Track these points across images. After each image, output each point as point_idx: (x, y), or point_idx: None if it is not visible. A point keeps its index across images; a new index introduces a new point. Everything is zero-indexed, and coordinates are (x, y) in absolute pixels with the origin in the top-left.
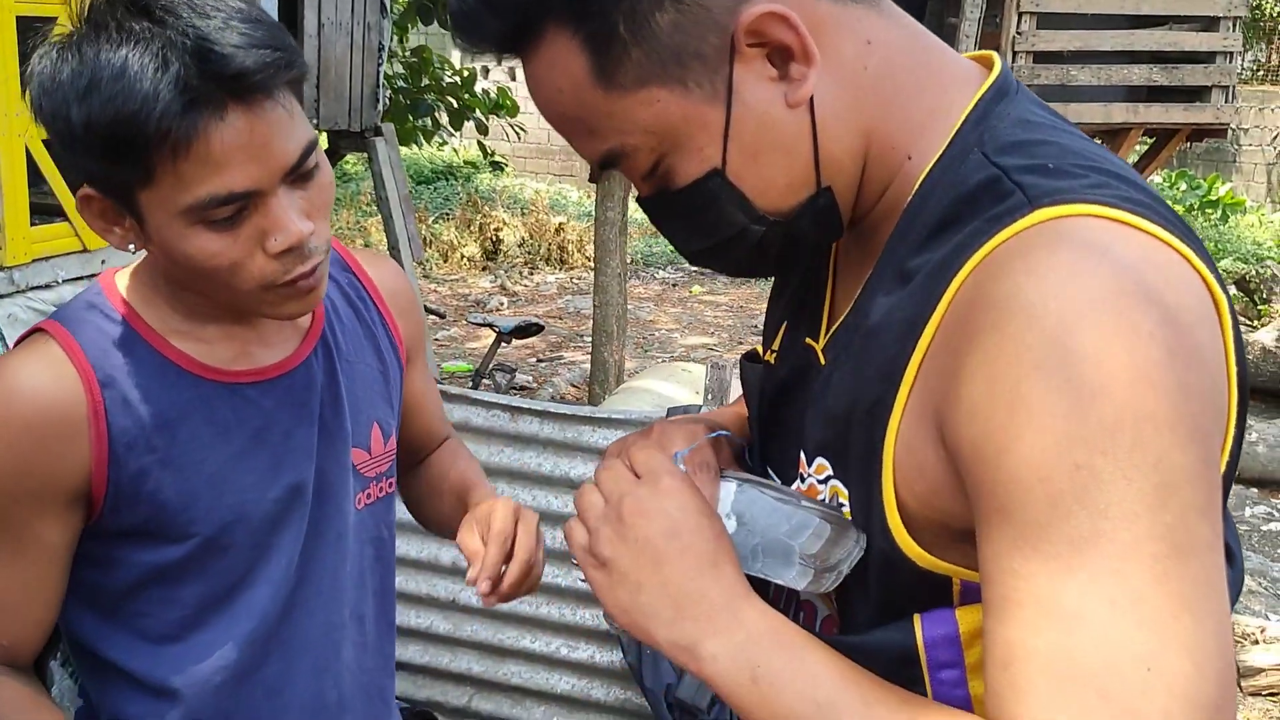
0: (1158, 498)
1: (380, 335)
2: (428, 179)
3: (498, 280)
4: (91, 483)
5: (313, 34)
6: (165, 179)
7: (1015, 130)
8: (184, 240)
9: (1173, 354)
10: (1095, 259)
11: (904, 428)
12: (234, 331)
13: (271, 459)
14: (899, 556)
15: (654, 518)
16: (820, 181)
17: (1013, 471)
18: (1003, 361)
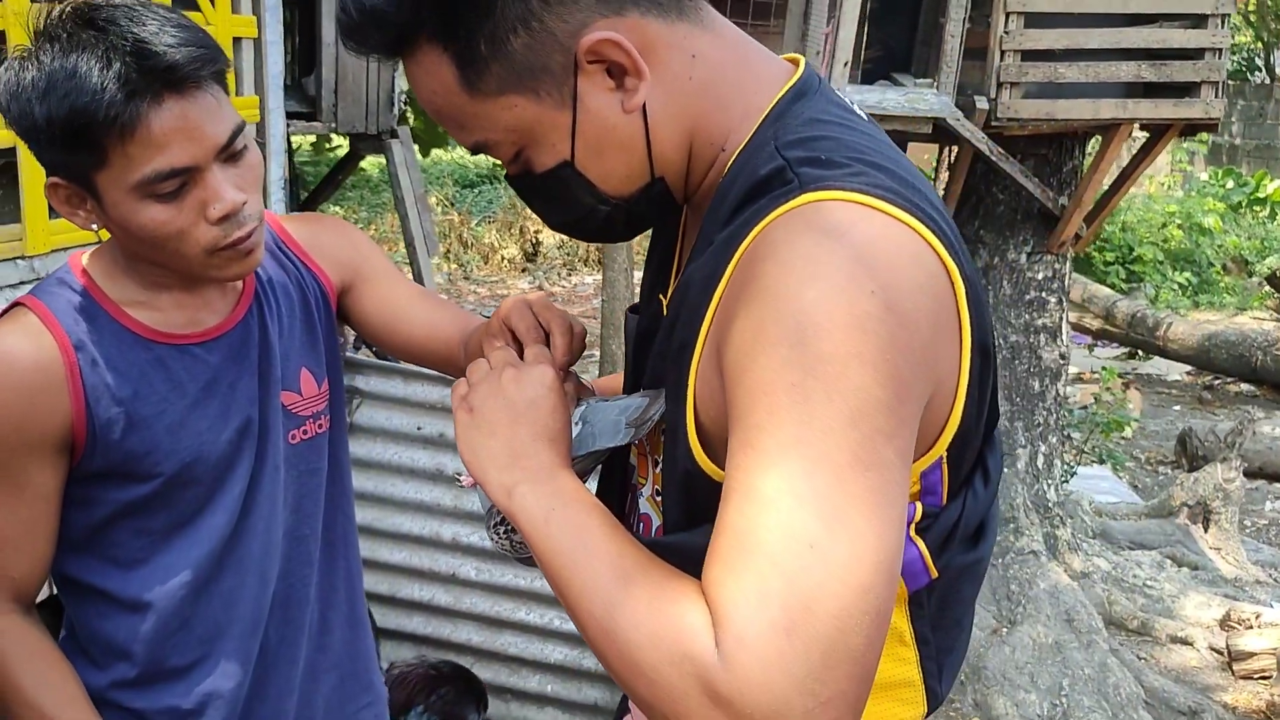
0: (851, 419)
1: (307, 284)
2: (472, 182)
3: (536, 282)
4: (73, 431)
5: (330, 43)
6: (117, 160)
7: (803, 127)
8: (137, 213)
9: (888, 310)
10: (836, 234)
11: (701, 363)
12: (183, 299)
13: (221, 406)
14: (697, 470)
15: (524, 388)
16: (654, 173)
17: (748, 386)
18: (755, 306)
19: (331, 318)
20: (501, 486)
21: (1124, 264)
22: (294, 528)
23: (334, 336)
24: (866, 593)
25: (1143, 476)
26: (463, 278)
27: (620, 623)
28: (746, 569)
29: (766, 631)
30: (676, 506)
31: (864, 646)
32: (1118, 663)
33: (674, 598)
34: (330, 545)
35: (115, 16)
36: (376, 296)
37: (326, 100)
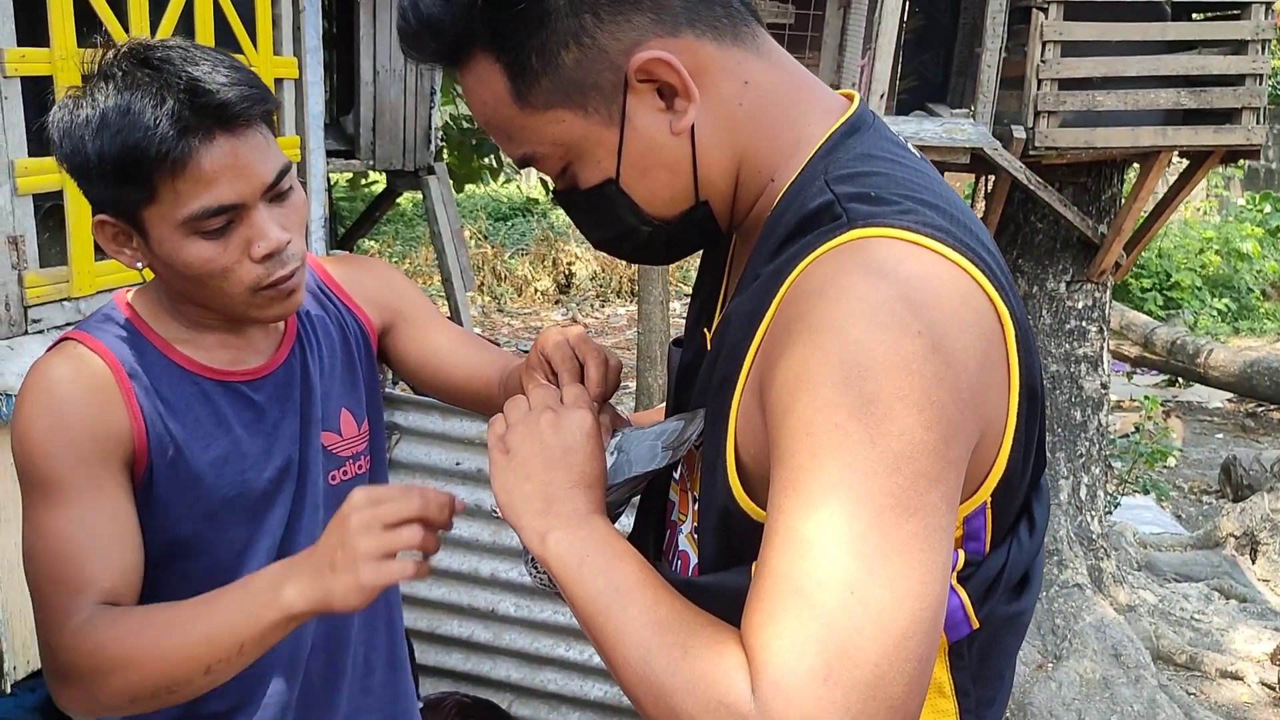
0: (895, 462)
1: (348, 324)
2: (505, 216)
3: (569, 313)
4: (135, 445)
5: (368, 81)
6: (166, 196)
7: (854, 163)
8: (183, 250)
9: (934, 350)
10: (883, 271)
11: (743, 399)
12: (227, 340)
13: (265, 444)
14: (736, 508)
15: (561, 433)
16: (698, 197)
17: (791, 426)
18: (800, 344)
19: (372, 358)
20: (535, 531)
21: (1161, 290)
22: None
23: (374, 377)
24: (907, 639)
25: (1186, 506)
26: (496, 310)
27: (655, 669)
28: (785, 613)
29: (804, 678)
30: (713, 544)
31: (904, 694)
32: (1167, 699)
33: (709, 644)
34: None
35: (170, 56)
36: (416, 338)
37: (365, 138)
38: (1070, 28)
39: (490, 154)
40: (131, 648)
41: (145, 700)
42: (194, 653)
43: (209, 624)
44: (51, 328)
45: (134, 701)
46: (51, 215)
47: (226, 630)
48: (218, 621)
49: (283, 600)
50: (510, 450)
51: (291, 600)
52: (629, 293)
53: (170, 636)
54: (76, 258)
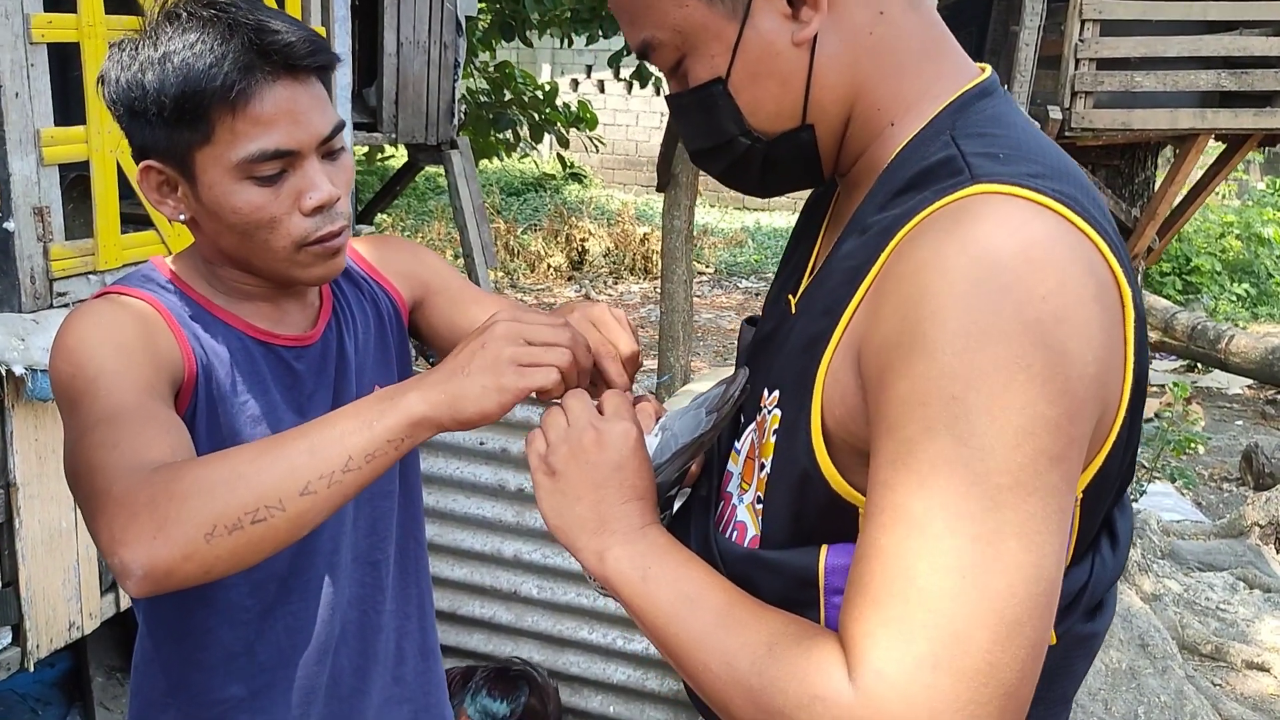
0: (1015, 438)
1: (380, 300)
2: (517, 190)
3: (582, 290)
4: (185, 378)
5: (392, 53)
6: (223, 136)
7: (985, 124)
8: (233, 195)
9: (1060, 320)
10: (1010, 229)
11: (835, 358)
12: (264, 309)
13: (299, 413)
14: (817, 475)
15: (607, 450)
16: (805, 118)
17: (902, 395)
18: (913, 304)
19: (404, 334)
20: (593, 552)
21: (1181, 275)
22: (368, 552)
23: (407, 353)
24: (1021, 626)
25: (1207, 494)
26: (509, 285)
27: (741, 671)
28: (891, 597)
29: (910, 665)
30: (783, 512)
31: (1017, 682)
32: (1194, 690)
33: (795, 638)
34: (404, 570)
35: (236, 1)
36: (447, 309)
37: (387, 111)
38: (1110, 5)
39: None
40: (216, 468)
41: (225, 532)
42: (293, 465)
43: (311, 436)
44: (77, 301)
45: (213, 533)
46: (76, 186)
47: (333, 440)
48: (323, 433)
49: (403, 404)
50: (556, 472)
51: (413, 404)
52: (643, 270)
53: (265, 452)
54: (103, 230)
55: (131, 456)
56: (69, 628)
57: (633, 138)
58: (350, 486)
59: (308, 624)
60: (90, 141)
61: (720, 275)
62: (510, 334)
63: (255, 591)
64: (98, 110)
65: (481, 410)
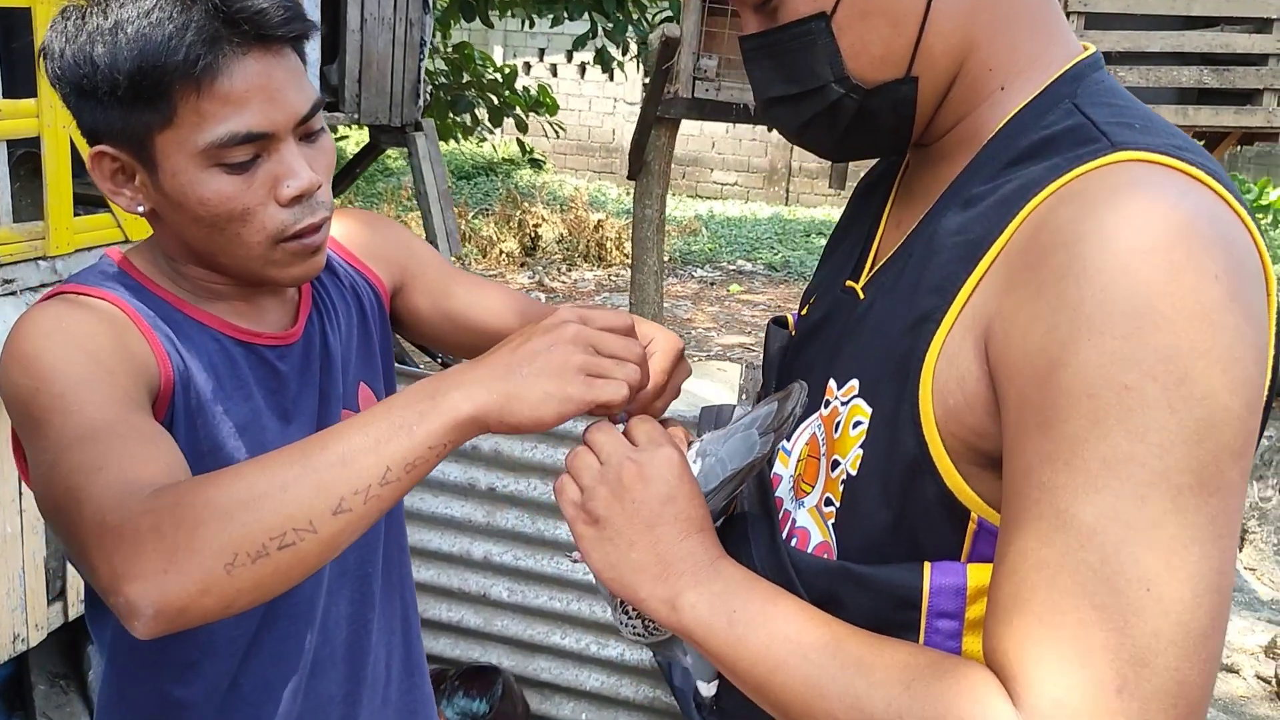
0: (1197, 432)
1: (360, 287)
2: (468, 174)
3: (536, 277)
4: (161, 384)
5: (355, 29)
6: (186, 118)
7: (1106, 95)
8: (199, 184)
9: (1234, 300)
10: (1172, 200)
11: (950, 340)
12: (239, 307)
13: (284, 419)
14: (929, 468)
15: (652, 484)
16: (911, 68)
17: (1064, 384)
18: (1070, 280)
19: (386, 325)
20: (662, 601)
21: None
22: (357, 565)
23: (389, 346)
24: (1207, 639)
25: None
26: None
27: (875, 715)
28: (1062, 616)
29: (1094, 690)
30: (876, 515)
31: (1202, 697)
32: None
33: (935, 671)
34: (389, 582)
35: None
36: (430, 293)
37: (349, 90)
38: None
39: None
40: (232, 487)
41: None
42: (322, 479)
43: (341, 444)
44: (26, 289)
45: (234, 563)
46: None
47: (368, 448)
48: (352, 440)
49: (446, 404)
50: (599, 518)
51: (458, 404)
52: (596, 257)
53: (286, 467)
54: (54, 212)
55: (122, 478)
56: (13, 640)
57: (585, 123)
58: (387, 501)
59: (295, 650)
60: (41, 116)
61: (675, 264)
62: (581, 338)
63: (241, 618)
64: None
65: (537, 417)
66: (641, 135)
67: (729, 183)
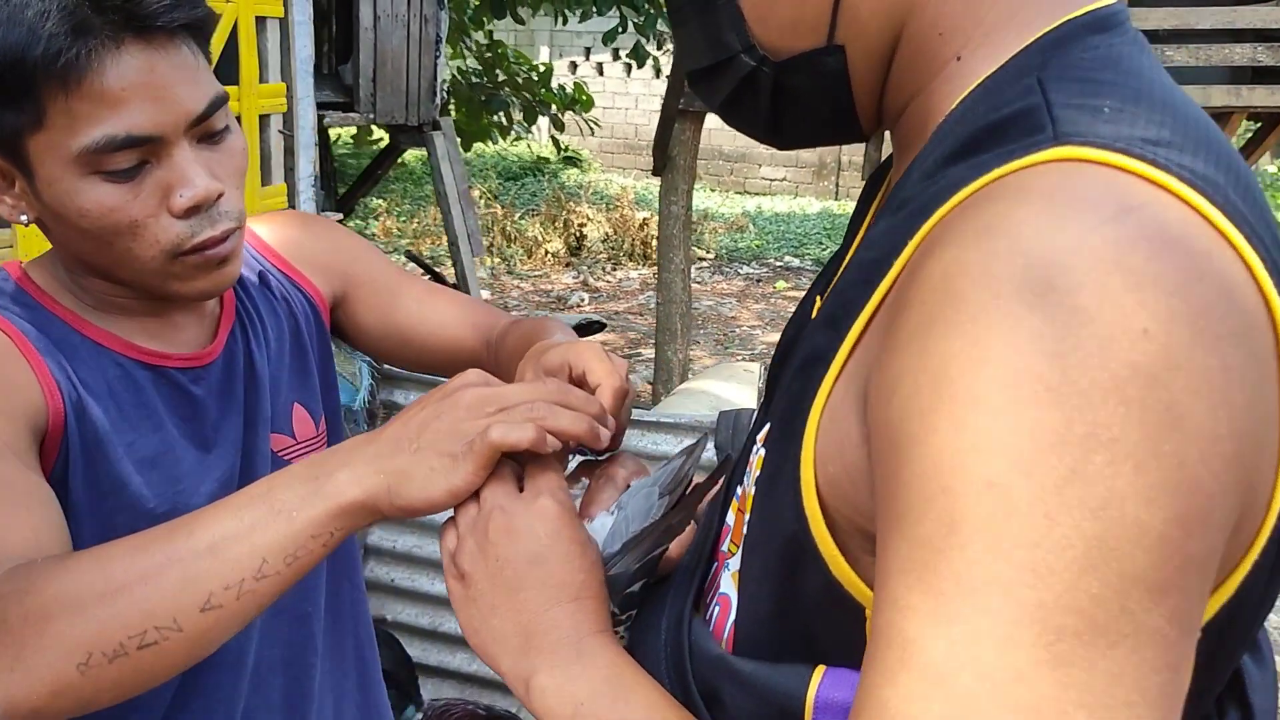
0: (1088, 555)
1: (293, 299)
2: (515, 175)
3: (580, 276)
4: (49, 422)
5: (368, 27)
6: (57, 119)
7: (1094, 67)
8: (79, 194)
9: (1172, 368)
10: (1102, 218)
11: (837, 390)
12: (148, 324)
13: (201, 450)
14: (810, 548)
15: (520, 540)
16: (833, 35)
17: (917, 472)
18: (939, 329)
19: (326, 340)
20: (519, 679)
21: None
22: (292, 605)
23: (329, 363)
24: None
25: None
26: (506, 272)
27: None
28: None
29: None
30: (767, 590)
31: None
32: None
33: None
34: (337, 621)
35: None
36: (376, 304)
37: (364, 89)
38: None
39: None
40: (87, 575)
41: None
42: (188, 571)
43: (213, 528)
44: None
45: (87, 663)
46: None
47: (240, 535)
48: (228, 525)
49: (331, 487)
50: (465, 575)
51: (344, 487)
52: (642, 255)
53: (149, 555)
54: None
55: None
56: None
57: (632, 120)
58: (267, 595)
59: (226, 699)
60: None
61: (721, 261)
62: (481, 402)
63: None
64: None
65: (426, 498)
66: (664, 129)
67: (777, 178)
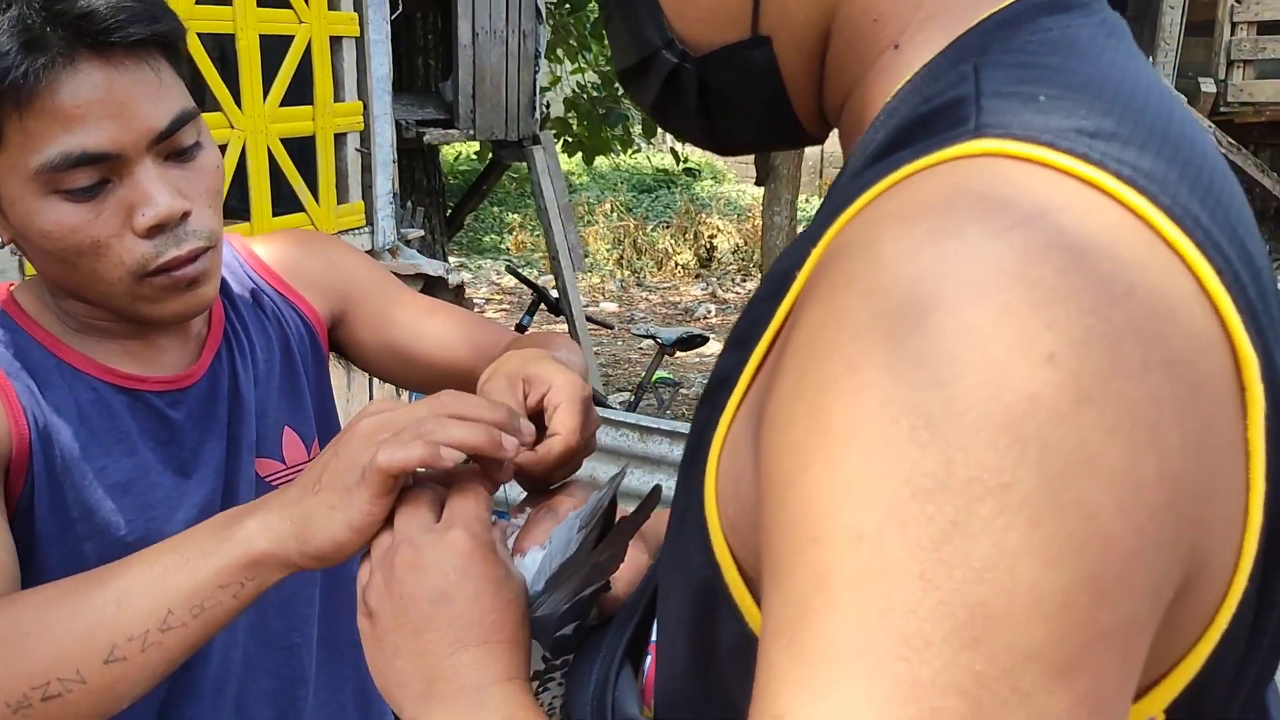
0: (971, 625)
1: (288, 321)
2: (648, 187)
3: (709, 288)
4: (12, 453)
5: (467, 44)
6: (14, 138)
7: (1039, 51)
8: (40, 214)
9: (1083, 400)
10: (1011, 219)
11: (738, 420)
12: (129, 347)
13: (179, 475)
14: (722, 590)
15: (426, 576)
16: (757, 26)
17: (790, 517)
18: (817, 353)
19: (321, 361)
20: None
21: None
22: (283, 635)
23: (325, 385)
24: None
25: None
26: (635, 284)
27: None
28: None
29: None
30: (683, 641)
31: None
32: None
33: None
34: (334, 652)
35: None
36: (374, 323)
37: (464, 105)
38: None
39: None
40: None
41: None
42: (92, 620)
43: (122, 581)
44: None
45: None
46: None
47: (149, 586)
48: (135, 576)
49: (240, 534)
50: (372, 613)
51: (251, 535)
52: None
53: (59, 603)
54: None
55: None
56: None
57: None
58: (176, 649)
59: None
60: None
61: None
62: (375, 429)
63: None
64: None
65: (332, 539)
66: None
67: None
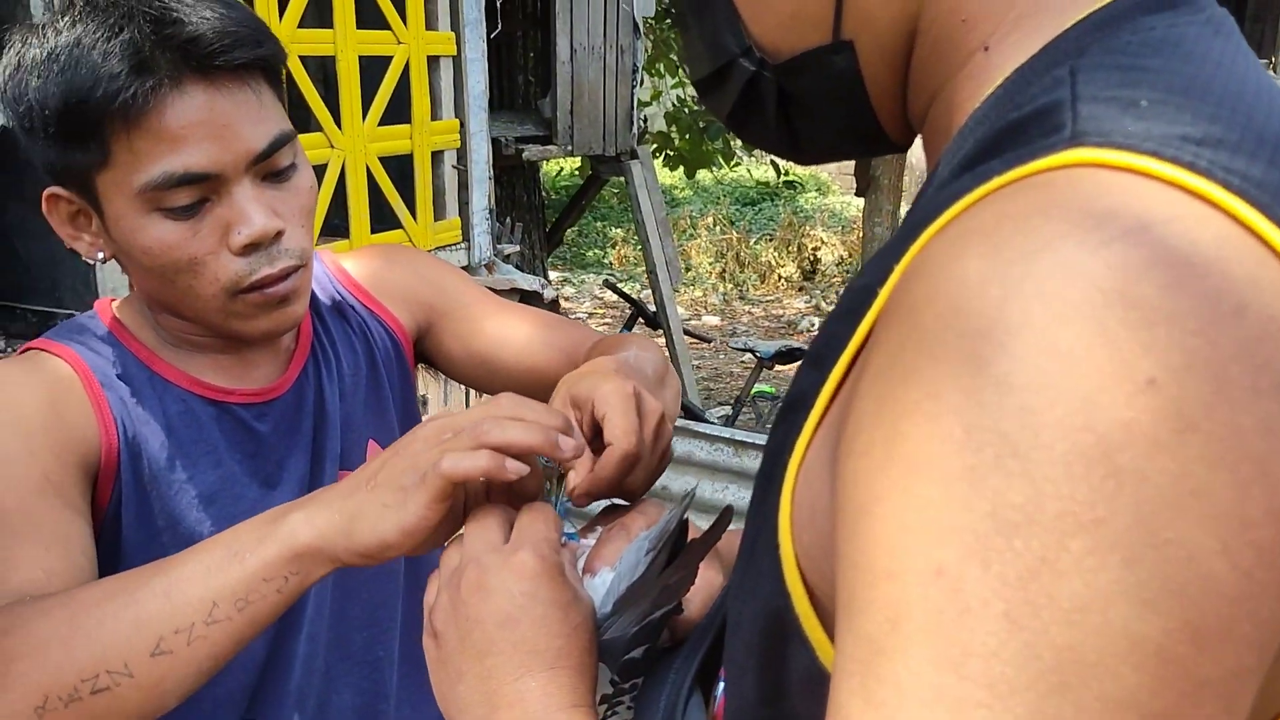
0: (1059, 671)
1: (374, 335)
2: (752, 200)
3: (813, 301)
4: (102, 460)
5: (565, 60)
6: (121, 156)
7: (1141, 52)
8: (141, 231)
9: (1186, 428)
10: (1109, 234)
11: (815, 442)
12: (220, 361)
13: (264, 486)
14: (793, 622)
15: (491, 598)
16: (839, 30)
17: (864, 549)
18: (901, 370)
19: (407, 373)
20: None
21: None
22: (364, 650)
23: (411, 396)
24: None
25: None
26: (738, 297)
27: None
28: None
29: None
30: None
31: None
32: None
33: None
34: (417, 667)
35: None
36: (460, 333)
37: (562, 121)
38: None
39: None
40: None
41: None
42: (141, 614)
43: (170, 575)
44: None
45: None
46: None
47: (195, 578)
48: (184, 569)
49: (284, 529)
50: (438, 634)
51: (296, 529)
52: None
53: (112, 598)
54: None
55: None
56: None
57: None
58: (223, 644)
59: None
60: None
61: None
62: (438, 432)
63: (221, 709)
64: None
65: (379, 537)
66: None
67: None
